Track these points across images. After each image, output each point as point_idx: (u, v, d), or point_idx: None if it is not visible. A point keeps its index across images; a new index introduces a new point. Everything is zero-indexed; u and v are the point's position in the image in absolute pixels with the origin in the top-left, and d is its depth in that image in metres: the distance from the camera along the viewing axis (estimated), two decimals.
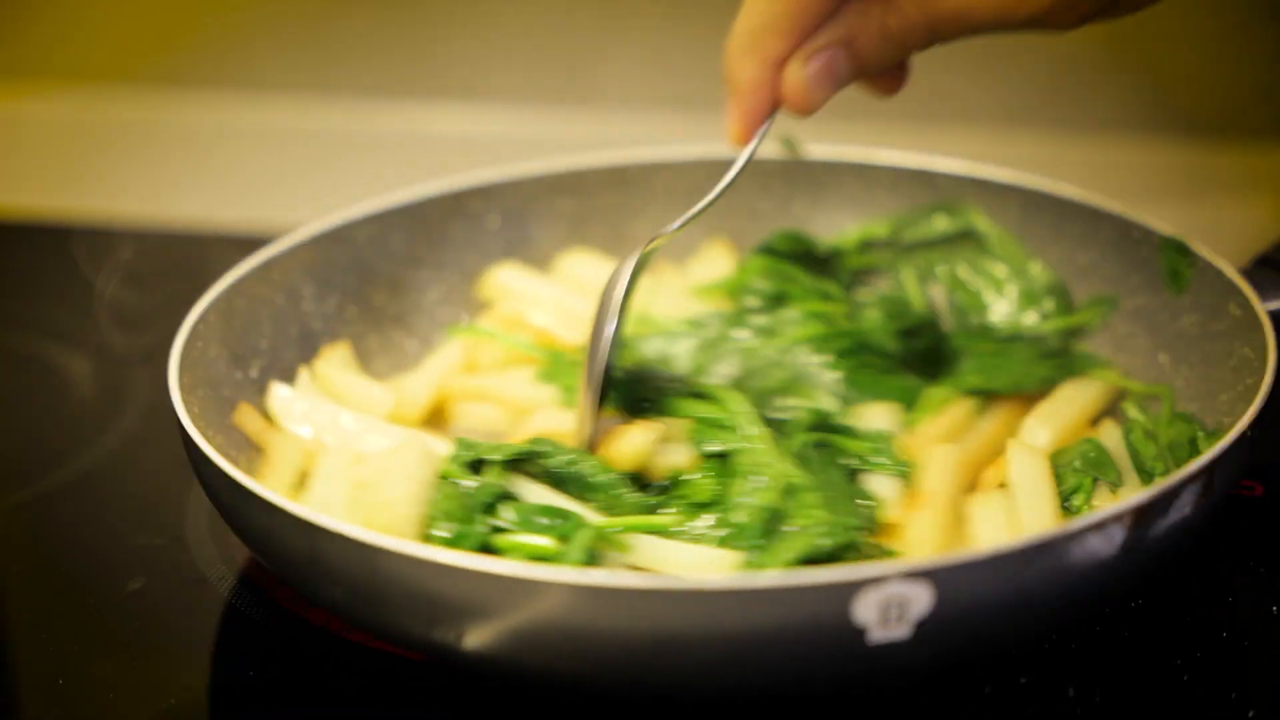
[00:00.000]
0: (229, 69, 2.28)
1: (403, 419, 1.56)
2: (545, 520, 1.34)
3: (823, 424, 1.47)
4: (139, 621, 1.43)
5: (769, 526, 1.33)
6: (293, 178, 2.16)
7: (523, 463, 1.39)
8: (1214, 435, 1.45)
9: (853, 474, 1.43)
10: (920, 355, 1.60)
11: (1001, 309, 1.67)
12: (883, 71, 1.40)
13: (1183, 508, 1.24)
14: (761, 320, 1.61)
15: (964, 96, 2.10)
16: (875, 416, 1.51)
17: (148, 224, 2.13)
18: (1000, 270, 1.69)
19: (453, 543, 1.31)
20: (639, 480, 1.42)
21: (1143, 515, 1.21)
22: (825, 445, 1.45)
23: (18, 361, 1.87)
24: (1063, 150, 2.10)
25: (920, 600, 1.15)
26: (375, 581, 1.21)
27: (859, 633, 1.15)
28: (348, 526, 1.21)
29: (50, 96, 2.33)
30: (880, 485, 1.42)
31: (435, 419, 1.59)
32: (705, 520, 1.36)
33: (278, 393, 1.54)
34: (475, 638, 1.20)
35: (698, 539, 1.35)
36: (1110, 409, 1.55)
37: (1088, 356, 1.60)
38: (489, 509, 1.34)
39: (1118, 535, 1.20)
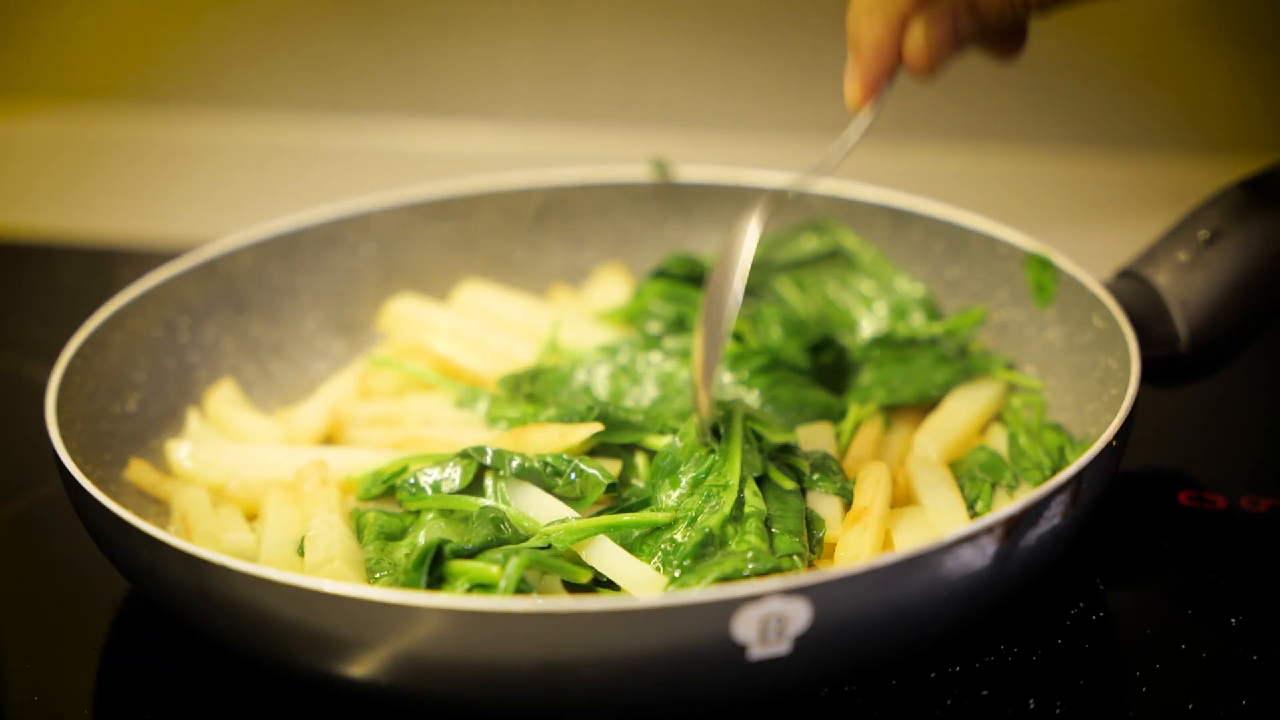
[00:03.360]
0: (214, 86, 2.27)
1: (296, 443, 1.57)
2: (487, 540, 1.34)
3: (772, 446, 1.48)
4: (124, 633, 1.44)
5: (702, 550, 1.34)
6: (282, 193, 2.15)
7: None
8: (1081, 445, 1.48)
9: (803, 494, 1.44)
10: (828, 369, 1.62)
11: (870, 326, 1.70)
12: (1003, 34, 1.40)
13: (1052, 518, 1.27)
14: (672, 344, 1.62)
15: (839, 111, 2.12)
16: (813, 437, 1.53)
17: (137, 242, 2.13)
18: (868, 287, 1.71)
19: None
20: (616, 492, 1.42)
21: (1013, 526, 1.24)
22: (783, 467, 1.45)
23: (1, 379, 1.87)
24: (935, 163, 2.13)
25: (798, 616, 1.17)
26: (259, 613, 1.21)
27: (739, 650, 1.17)
28: (230, 560, 1.21)
29: (37, 113, 2.31)
30: (825, 506, 1.43)
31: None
32: (660, 536, 1.37)
33: (177, 451, 1.53)
34: (359, 666, 1.21)
35: (648, 554, 1.36)
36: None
37: (986, 355, 1.62)
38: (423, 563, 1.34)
39: (989, 547, 1.23)
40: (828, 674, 1.27)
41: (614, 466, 1.44)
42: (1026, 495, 1.26)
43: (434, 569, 1.33)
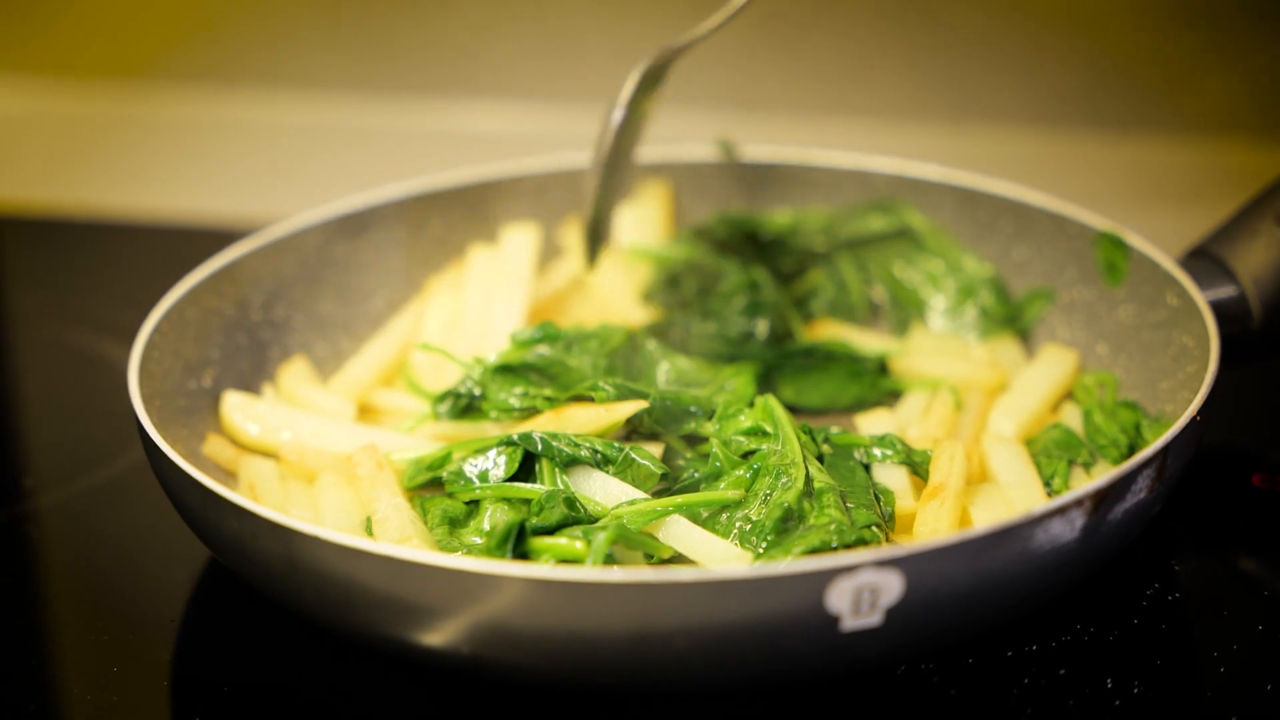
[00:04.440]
0: (280, 67, 2.27)
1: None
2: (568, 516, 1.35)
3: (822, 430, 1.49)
4: (202, 606, 1.45)
5: (783, 525, 1.34)
6: (350, 172, 2.15)
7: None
8: (1157, 421, 1.48)
9: (867, 469, 1.45)
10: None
11: (940, 304, 1.70)
12: None
13: (1139, 492, 1.28)
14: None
15: (906, 94, 2.13)
16: (872, 422, 1.54)
17: (207, 221, 2.15)
18: (936, 266, 1.72)
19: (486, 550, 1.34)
20: (670, 478, 1.42)
21: (1101, 499, 1.24)
22: (840, 445, 1.47)
23: (66, 354, 1.88)
24: (1001, 146, 2.13)
25: (891, 588, 1.17)
26: (350, 583, 1.22)
27: (833, 621, 1.17)
28: (319, 529, 1.22)
29: (112, 93, 2.32)
30: (893, 479, 1.44)
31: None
32: (731, 514, 1.37)
33: (229, 400, 1.55)
34: (446, 637, 1.22)
35: (723, 531, 1.36)
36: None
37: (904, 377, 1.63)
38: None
39: (1078, 519, 1.23)
40: (916, 646, 1.28)
41: (656, 449, 1.45)
42: (1113, 470, 1.26)
43: (517, 546, 1.33)
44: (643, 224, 1.78)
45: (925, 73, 2.10)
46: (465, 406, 1.52)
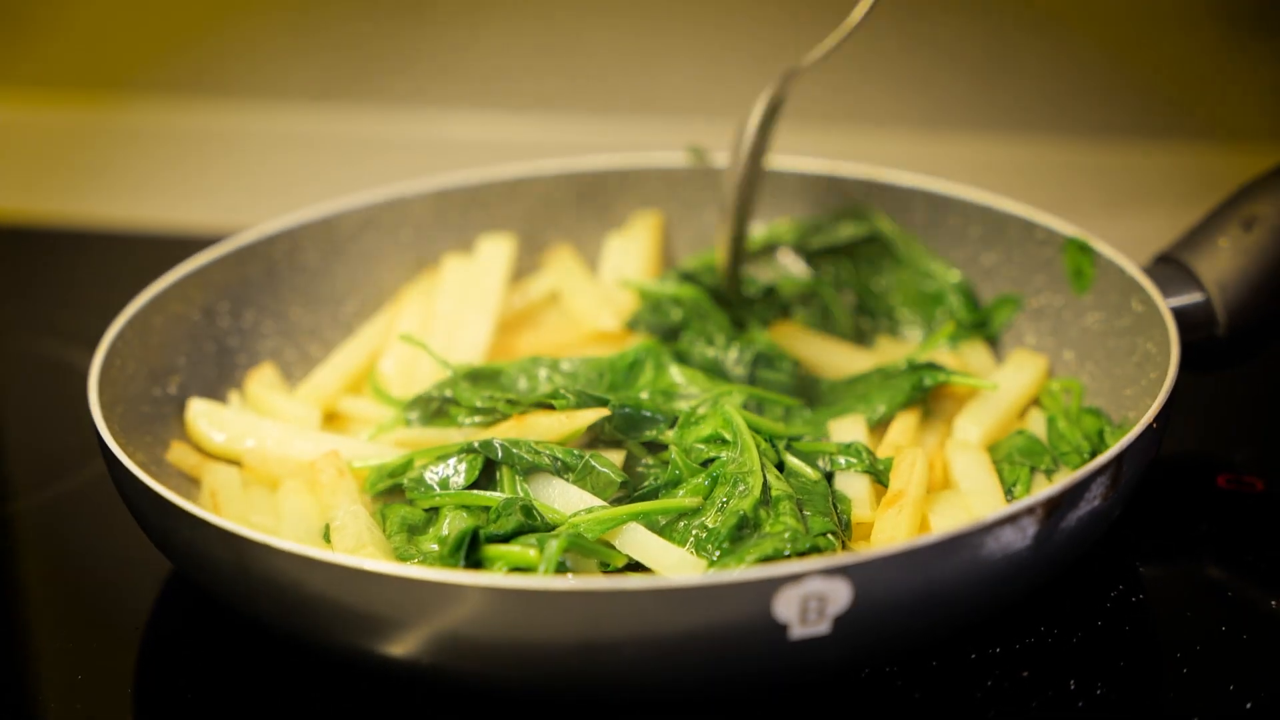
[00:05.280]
0: (250, 76, 2.29)
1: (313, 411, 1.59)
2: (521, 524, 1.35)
3: (782, 436, 1.48)
4: (166, 614, 1.45)
5: (738, 533, 1.34)
6: (320, 180, 2.16)
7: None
8: (1120, 428, 1.48)
9: (829, 477, 1.44)
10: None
11: (908, 314, 1.70)
12: None
13: (1092, 499, 1.27)
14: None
15: (877, 100, 2.13)
16: (845, 428, 1.53)
17: (176, 229, 2.14)
18: (906, 274, 1.71)
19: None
20: (630, 485, 1.42)
21: (1053, 507, 1.24)
22: (798, 453, 1.46)
23: (36, 362, 1.88)
24: (971, 151, 2.13)
25: (839, 596, 1.17)
26: (301, 592, 1.22)
27: (780, 629, 1.17)
28: (270, 538, 1.22)
29: (77, 101, 2.33)
30: (853, 487, 1.43)
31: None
32: (688, 522, 1.37)
33: (194, 408, 1.55)
34: (400, 646, 1.22)
35: (679, 539, 1.36)
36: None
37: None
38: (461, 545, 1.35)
39: (1030, 527, 1.23)
40: (867, 654, 1.28)
41: (618, 457, 1.45)
42: (1067, 477, 1.26)
43: (470, 554, 1.33)
44: (630, 254, 1.77)
45: (896, 79, 2.11)
46: (435, 410, 1.52)
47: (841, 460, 1.45)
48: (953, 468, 1.47)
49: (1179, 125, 2.07)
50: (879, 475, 1.44)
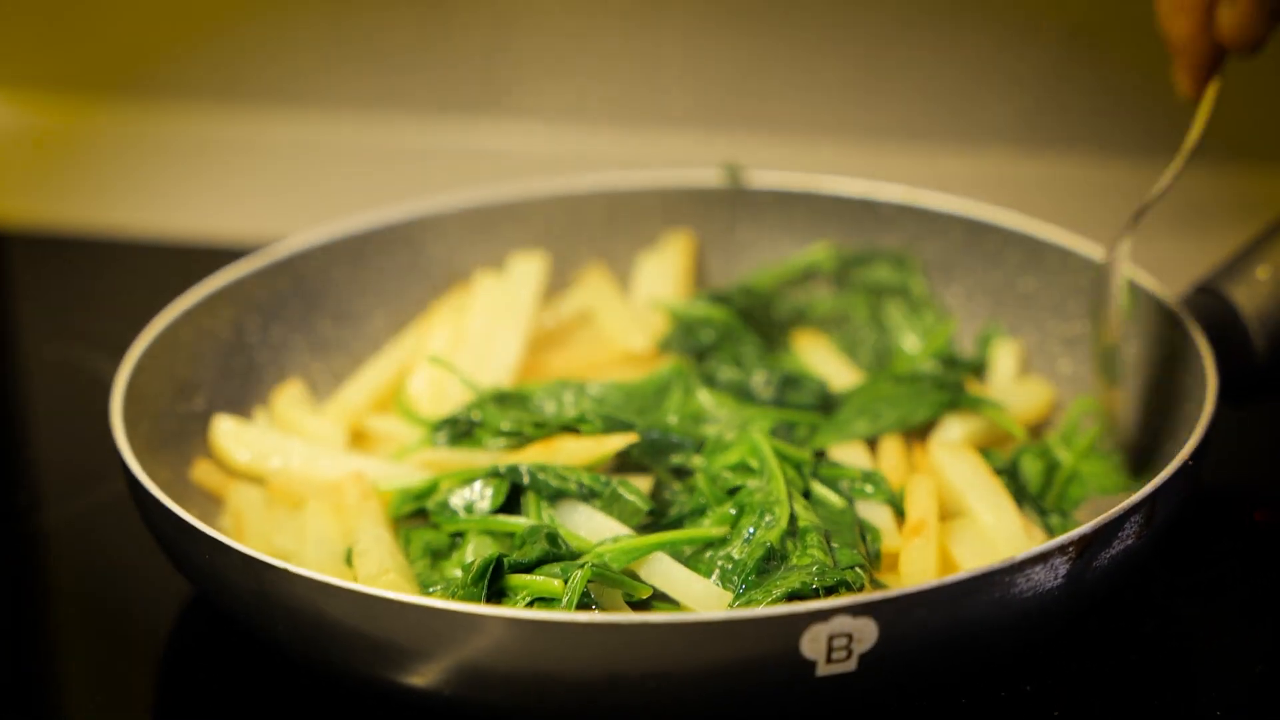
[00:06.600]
0: (286, 85, 2.28)
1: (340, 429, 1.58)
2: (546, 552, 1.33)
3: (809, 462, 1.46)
4: (187, 636, 1.44)
5: (764, 565, 1.32)
6: (353, 192, 2.15)
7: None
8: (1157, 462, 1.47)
9: (851, 504, 1.43)
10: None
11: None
12: None
13: (1126, 538, 1.25)
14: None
15: (914, 115, 2.12)
16: (847, 454, 1.51)
17: (206, 239, 2.14)
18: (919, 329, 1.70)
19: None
20: (656, 513, 1.41)
21: (1085, 545, 1.22)
22: (824, 481, 1.44)
23: (67, 372, 1.87)
24: (1011, 169, 2.11)
25: (866, 635, 1.16)
26: (320, 619, 1.21)
27: (807, 667, 1.16)
28: (289, 565, 1.21)
29: (112, 109, 2.33)
30: (876, 516, 1.42)
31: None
32: (714, 553, 1.36)
33: (220, 425, 1.54)
34: (420, 676, 1.21)
35: (705, 569, 1.34)
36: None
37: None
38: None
39: (1061, 566, 1.21)
40: (895, 693, 1.26)
41: (644, 483, 1.44)
42: (1101, 515, 1.24)
43: (493, 583, 1.32)
44: (662, 274, 1.75)
45: (932, 95, 2.09)
46: (462, 432, 1.51)
47: (867, 488, 1.43)
48: (964, 493, 1.44)
49: (1219, 147, 2.05)
50: (897, 504, 1.43)
